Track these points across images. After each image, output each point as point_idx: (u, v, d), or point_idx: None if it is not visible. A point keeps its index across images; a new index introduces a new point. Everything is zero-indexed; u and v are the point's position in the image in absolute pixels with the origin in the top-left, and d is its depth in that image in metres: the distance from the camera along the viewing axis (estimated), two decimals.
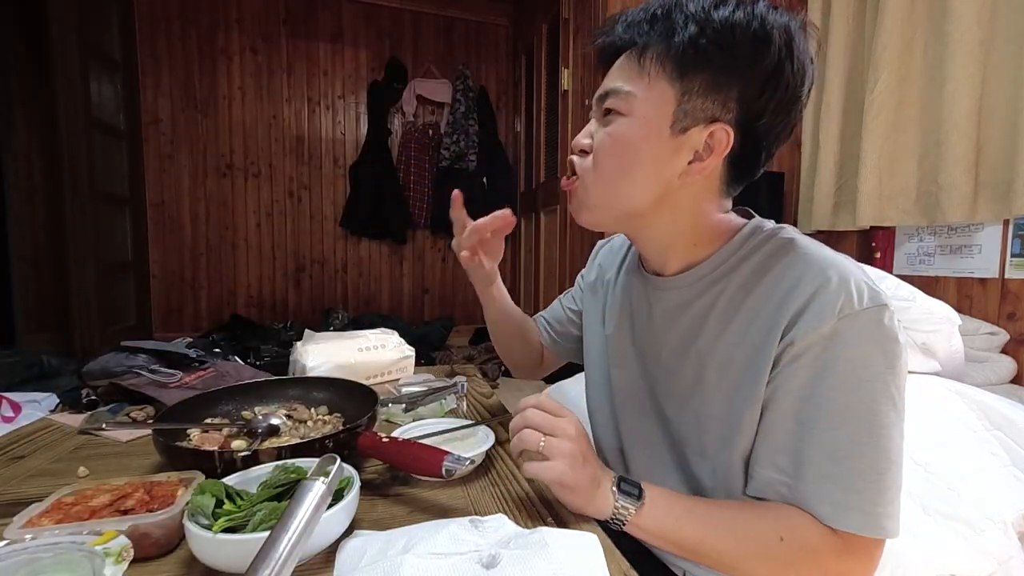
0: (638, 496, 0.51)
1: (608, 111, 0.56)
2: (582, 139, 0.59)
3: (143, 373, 0.90)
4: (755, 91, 0.51)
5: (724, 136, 0.52)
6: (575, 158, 0.60)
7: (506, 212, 0.71)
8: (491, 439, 0.66)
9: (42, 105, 3.05)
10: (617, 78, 0.55)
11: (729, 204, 0.60)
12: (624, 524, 0.51)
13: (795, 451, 0.50)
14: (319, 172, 3.86)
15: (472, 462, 0.54)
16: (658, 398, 0.63)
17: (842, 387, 0.48)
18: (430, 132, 3.93)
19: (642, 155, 0.54)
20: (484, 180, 3.93)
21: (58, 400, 0.93)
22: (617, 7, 2.65)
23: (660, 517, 0.51)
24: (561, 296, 0.90)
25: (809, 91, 0.53)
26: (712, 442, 0.57)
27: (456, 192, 0.74)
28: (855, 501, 0.47)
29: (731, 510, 0.52)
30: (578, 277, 0.87)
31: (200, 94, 3.56)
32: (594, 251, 0.84)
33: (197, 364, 0.99)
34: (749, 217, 0.62)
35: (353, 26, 3.85)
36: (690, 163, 0.54)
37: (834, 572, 0.49)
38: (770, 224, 0.59)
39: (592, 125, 0.59)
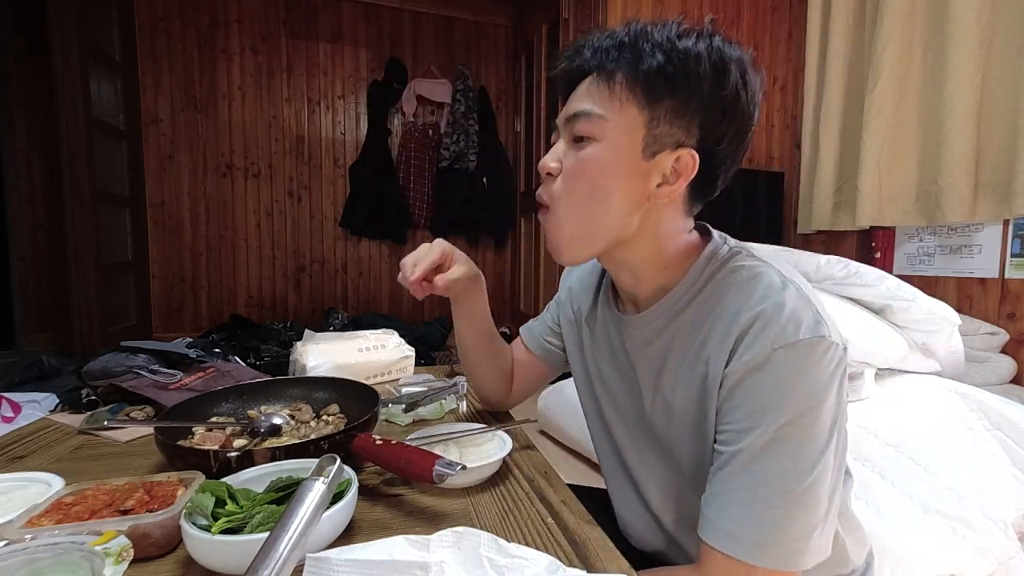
0: None
1: (579, 137, 0.56)
2: (550, 162, 0.58)
3: (143, 373, 0.90)
4: (715, 118, 0.53)
5: (690, 160, 0.54)
6: (544, 185, 0.60)
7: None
8: (508, 446, 0.64)
9: (42, 105, 3.05)
10: (587, 101, 0.55)
11: (692, 223, 0.61)
12: None
13: (722, 484, 0.50)
14: (319, 172, 3.86)
15: (463, 467, 0.53)
16: (647, 428, 0.63)
17: (770, 420, 0.48)
18: (430, 132, 3.93)
19: (615, 179, 0.55)
20: (484, 180, 3.92)
21: (58, 400, 0.92)
22: (617, 7, 2.65)
23: None
24: (545, 312, 0.85)
25: (756, 119, 0.56)
26: (690, 475, 0.57)
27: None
28: (774, 539, 0.47)
29: None
30: (553, 302, 0.83)
31: (200, 94, 3.56)
32: (563, 278, 0.81)
33: (197, 364, 0.99)
34: (707, 233, 0.62)
35: (353, 26, 3.85)
36: (658, 186, 0.55)
37: None
38: (727, 246, 0.59)
39: (560, 147, 0.58)
